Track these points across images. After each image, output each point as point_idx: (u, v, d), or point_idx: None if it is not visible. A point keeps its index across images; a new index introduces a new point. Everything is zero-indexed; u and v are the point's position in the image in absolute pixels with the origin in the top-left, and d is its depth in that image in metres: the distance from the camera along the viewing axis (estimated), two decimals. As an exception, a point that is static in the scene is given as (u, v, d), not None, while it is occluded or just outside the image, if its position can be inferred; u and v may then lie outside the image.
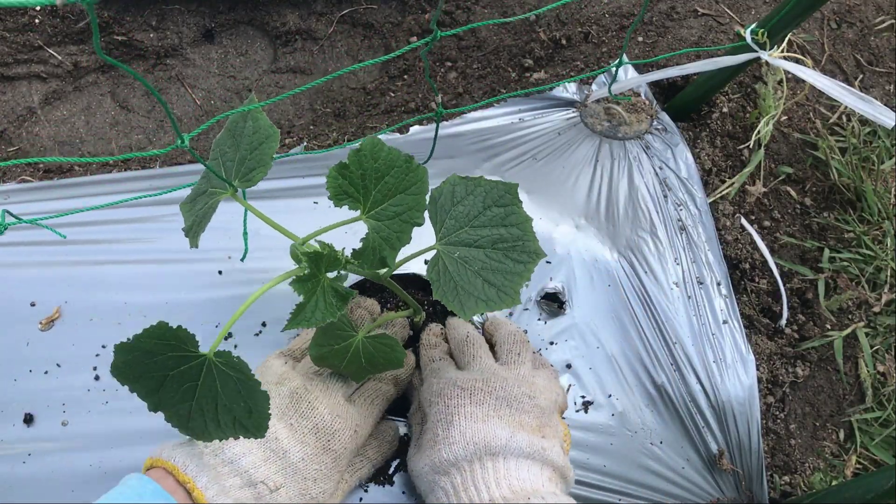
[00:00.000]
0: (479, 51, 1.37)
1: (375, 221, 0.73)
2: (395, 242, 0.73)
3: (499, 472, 0.77)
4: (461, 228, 0.74)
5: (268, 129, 0.72)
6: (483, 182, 0.75)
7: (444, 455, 0.80)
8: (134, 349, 0.62)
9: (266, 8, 1.40)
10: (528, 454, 0.80)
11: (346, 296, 0.70)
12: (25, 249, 1.05)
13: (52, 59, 1.33)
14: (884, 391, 1.18)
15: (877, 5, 1.48)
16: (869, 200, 1.28)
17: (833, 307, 1.21)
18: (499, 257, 0.73)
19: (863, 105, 1.03)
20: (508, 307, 0.72)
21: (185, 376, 0.65)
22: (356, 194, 0.71)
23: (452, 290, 0.72)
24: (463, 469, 0.79)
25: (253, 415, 0.66)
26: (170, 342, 0.63)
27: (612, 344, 1.07)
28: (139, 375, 0.64)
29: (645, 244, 1.13)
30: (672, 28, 1.37)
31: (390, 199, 0.73)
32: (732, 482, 1.05)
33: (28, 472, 0.94)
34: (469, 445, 0.79)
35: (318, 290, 0.69)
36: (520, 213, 0.75)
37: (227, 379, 0.65)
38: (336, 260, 0.69)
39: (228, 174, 0.72)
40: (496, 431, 0.81)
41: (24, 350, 0.99)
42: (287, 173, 1.14)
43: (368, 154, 0.71)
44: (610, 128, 1.22)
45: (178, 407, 0.67)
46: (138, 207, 1.09)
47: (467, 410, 0.83)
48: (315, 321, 0.67)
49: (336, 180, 0.70)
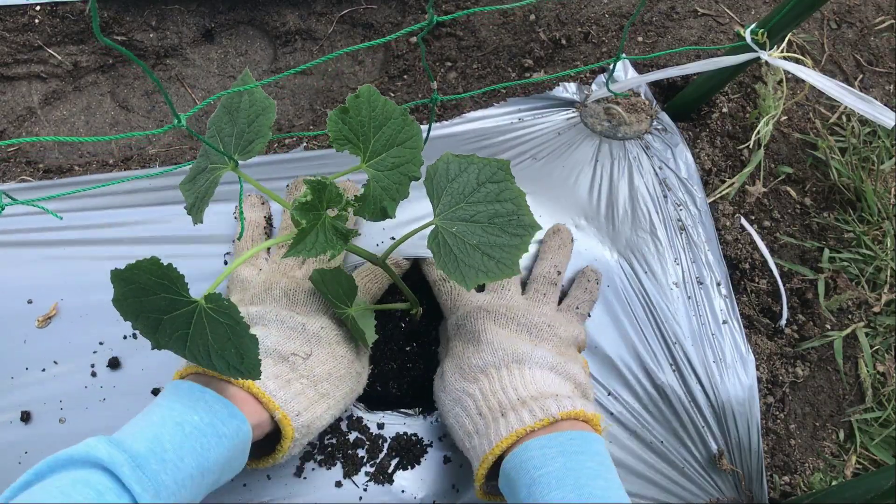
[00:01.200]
0: (478, 51, 1.37)
1: (376, 171, 0.74)
2: (394, 193, 0.75)
3: (525, 376, 0.82)
4: (458, 204, 0.76)
5: (264, 102, 0.73)
6: (476, 160, 0.77)
7: (474, 361, 0.85)
8: (130, 280, 0.63)
9: (266, 8, 1.40)
10: (552, 366, 0.85)
11: (346, 234, 0.71)
12: (23, 248, 1.05)
13: (52, 59, 1.33)
14: (884, 391, 1.18)
15: (877, 5, 1.48)
16: (869, 200, 1.28)
17: (833, 307, 1.21)
18: (495, 231, 0.75)
19: (863, 105, 1.03)
20: (508, 276, 0.75)
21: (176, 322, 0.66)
22: (356, 140, 0.72)
23: (453, 262, 0.74)
24: (490, 374, 0.83)
25: (245, 360, 0.68)
26: (162, 280, 0.63)
27: (612, 344, 1.06)
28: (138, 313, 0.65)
29: (645, 244, 1.13)
30: (672, 28, 1.37)
31: (388, 150, 0.74)
32: (732, 482, 1.05)
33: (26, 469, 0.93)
34: (498, 352, 0.85)
35: (318, 224, 0.70)
36: (513, 188, 0.77)
37: (216, 325, 0.65)
38: (338, 195, 0.70)
39: (227, 148, 0.73)
40: (521, 345, 0.86)
41: (22, 348, 0.99)
42: (286, 173, 1.13)
43: (366, 100, 0.72)
44: (610, 128, 1.22)
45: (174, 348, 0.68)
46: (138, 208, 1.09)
47: (493, 329, 0.88)
48: (315, 251, 0.69)
49: (337, 124, 0.71)
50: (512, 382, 0.81)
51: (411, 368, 1.00)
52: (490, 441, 0.77)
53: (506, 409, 0.79)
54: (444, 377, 0.89)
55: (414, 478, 0.96)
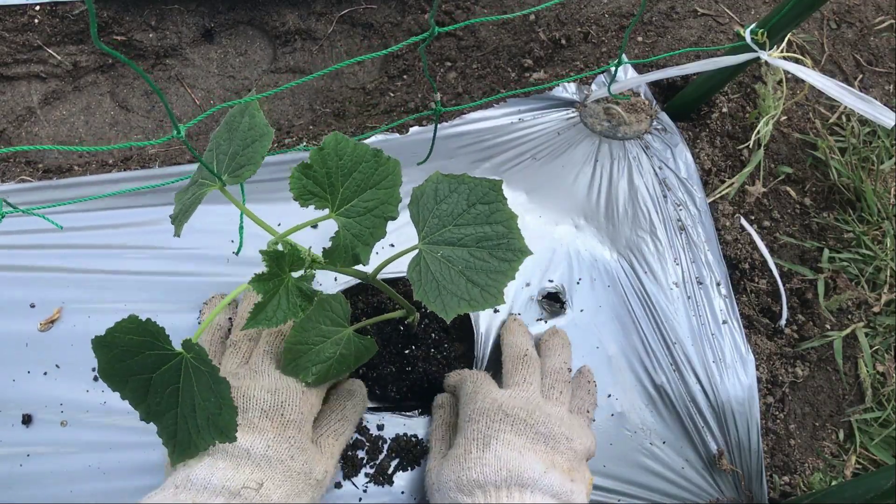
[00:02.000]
0: (478, 51, 1.37)
1: (345, 219, 0.71)
2: (367, 238, 0.71)
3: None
4: (445, 227, 0.73)
5: (262, 128, 0.71)
6: (467, 179, 0.74)
7: (474, 474, 0.79)
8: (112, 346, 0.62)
9: (265, 8, 1.39)
10: (557, 494, 0.79)
11: (311, 296, 0.69)
12: (25, 251, 1.05)
13: (52, 59, 1.33)
14: (883, 391, 1.18)
15: (876, 5, 1.48)
16: (868, 200, 1.28)
17: (833, 307, 1.21)
18: (483, 256, 0.72)
19: (862, 105, 1.03)
20: (492, 307, 0.71)
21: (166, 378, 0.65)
22: (322, 193, 0.70)
23: (434, 290, 0.71)
24: (489, 493, 0.78)
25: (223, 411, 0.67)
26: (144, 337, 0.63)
27: (612, 344, 1.07)
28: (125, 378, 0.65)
29: (644, 244, 1.13)
30: (672, 28, 1.37)
31: (360, 194, 0.71)
32: (732, 482, 1.05)
33: (27, 472, 0.94)
34: (502, 471, 0.79)
35: (280, 290, 0.68)
36: (505, 210, 0.73)
37: (200, 375, 0.65)
38: (300, 259, 0.69)
39: (220, 167, 0.72)
40: (531, 465, 0.80)
41: (24, 351, 0.99)
42: (286, 174, 1.13)
43: (332, 151, 0.70)
44: (609, 128, 1.22)
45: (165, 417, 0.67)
46: (137, 209, 1.09)
47: (507, 437, 0.83)
48: (276, 321, 0.67)
49: (299, 181, 0.68)
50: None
51: (410, 371, 1.00)
52: None
53: None
54: (440, 477, 0.84)
55: (414, 479, 0.96)
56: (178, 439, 0.69)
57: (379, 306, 1.03)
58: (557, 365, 0.96)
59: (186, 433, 0.68)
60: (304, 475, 0.79)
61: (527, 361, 0.94)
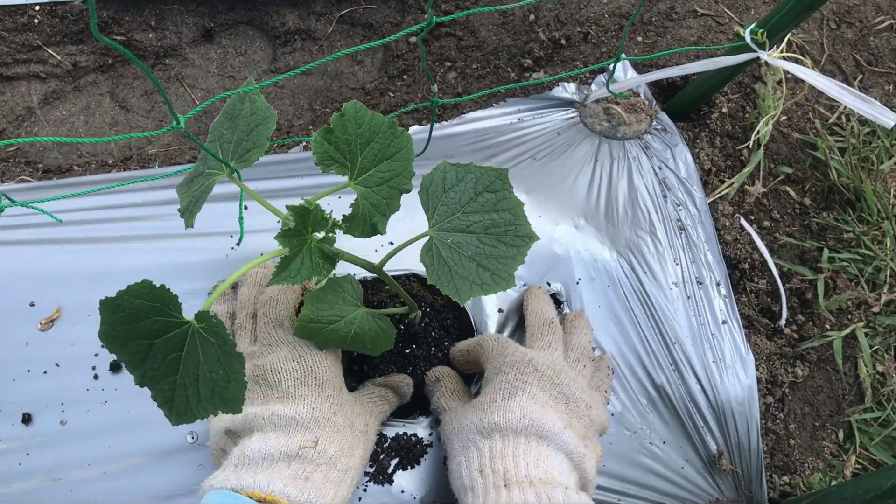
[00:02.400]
0: (478, 51, 1.37)
1: (364, 188, 0.72)
2: (384, 209, 0.72)
3: (541, 454, 0.78)
4: (453, 214, 0.74)
5: (265, 111, 0.72)
6: (473, 168, 0.75)
7: (497, 418, 0.81)
8: (120, 308, 0.61)
9: (265, 8, 1.39)
10: (570, 453, 0.81)
11: (333, 257, 0.70)
12: (25, 249, 1.05)
13: (52, 59, 1.33)
14: (883, 391, 1.18)
15: (876, 5, 1.48)
16: (868, 200, 1.28)
17: (832, 307, 1.21)
18: (492, 242, 0.73)
19: (862, 105, 1.03)
20: (504, 290, 0.73)
21: (169, 345, 0.64)
22: (343, 160, 0.71)
23: (447, 274, 0.72)
24: (507, 437, 0.80)
25: (230, 384, 0.66)
26: (154, 304, 0.62)
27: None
28: (126, 341, 0.63)
29: (644, 244, 1.13)
30: (671, 28, 1.37)
31: (377, 165, 0.72)
32: (732, 482, 1.05)
33: (26, 471, 0.94)
34: (525, 419, 0.81)
35: (304, 249, 0.68)
36: (511, 197, 0.75)
37: (208, 346, 0.64)
38: (323, 219, 0.69)
39: (225, 155, 0.72)
40: (553, 420, 0.82)
41: (24, 350, 0.99)
42: (286, 173, 1.13)
43: (352, 118, 0.71)
44: (609, 128, 1.22)
45: (162, 382, 0.66)
46: (138, 207, 1.09)
47: (532, 391, 0.85)
48: (301, 278, 0.67)
49: (322, 145, 0.69)
50: (525, 455, 0.78)
51: (411, 372, 1.00)
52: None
53: (510, 481, 0.76)
54: (461, 421, 0.86)
55: (413, 478, 0.96)
56: (175, 404, 0.68)
57: (380, 305, 1.03)
58: (583, 341, 0.98)
59: (184, 400, 0.67)
60: (349, 428, 0.82)
61: (552, 328, 0.96)
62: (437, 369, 1.00)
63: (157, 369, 0.66)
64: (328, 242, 0.71)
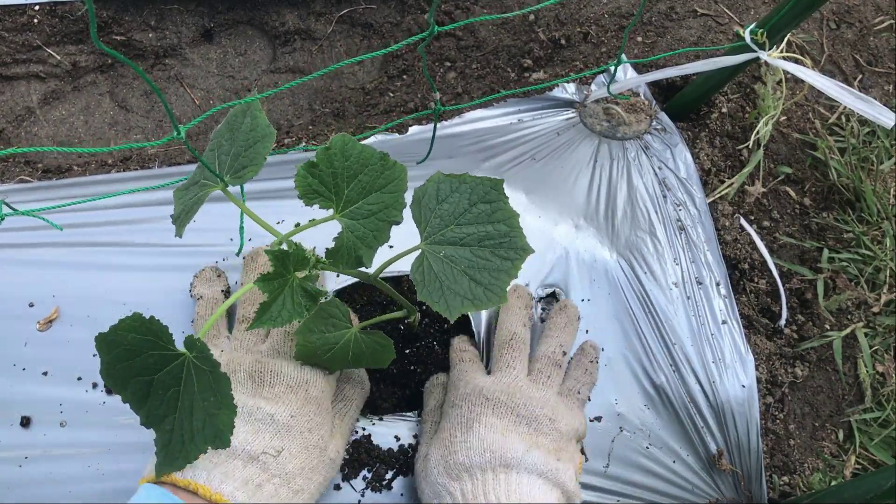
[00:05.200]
0: (478, 51, 1.37)
1: (350, 220, 0.71)
2: (371, 241, 0.71)
3: (510, 485, 0.78)
4: (447, 227, 0.73)
5: (264, 129, 0.71)
6: (468, 179, 0.74)
7: (460, 458, 0.81)
8: (115, 344, 0.62)
9: (265, 8, 1.39)
10: (542, 472, 0.80)
11: (316, 295, 0.69)
12: (23, 250, 1.05)
13: (51, 59, 1.33)
14: (883, 391, 1.18)
15: (876, 5, 1.48)
16: (868, 201, 1.28)
17: (832, 307, 1.21)
18: (485, 255, 0.72)
19: (862, 105, 1.03)
20: (495, 306, 0.71)
21: (168, 380, 0.65)
22: (327, 193, 0.70)
23: (437, 290, 0.71)
24: (475, 476, 0.79)
25: (221, 409, 0.66)
26: (147, 337, 0.62)
27: (611, 344, 1.07)
28: (127, 379, 0.64)
29: (644, 244, 1.13)
30: (671, 28, 1.37)
31: (365, 197, 0.71)
32: (731, 482, 1.05)
33: (26, 473, 0.93)
34: (486, 453, 0.80)
35: (285, 290, 0.68)
36: (506, 209, 0.73)
37: (202, 374, 0.65)
38: (304, 259, 0.68)
39: (222, 168, 0.72)
40: (513, 445, 0.81)
41: (23, 350, 0.99)
42: (286, 174, 1.13)
43: (339, 152, 0.70)
44: (609, 128, 1.22)
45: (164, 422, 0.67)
46: (138, 208, 1.09)
47: (488, 420, 0.84)
48: (281, 321, 0.67)
49: (305, 179, 0.68)
50: (496, 490, 0.77)
51: (412, 372, 1.00)
52: None
53: None
54: (427, 464, 0.86)
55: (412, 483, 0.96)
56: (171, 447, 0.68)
57: (380, 303, 1.03)
58: (551, 350, 0.97)
59: (180, 440, 0.68)
60: (319, 450, 0.82)
61: (512, 345, 0.95)
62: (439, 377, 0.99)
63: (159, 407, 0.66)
64: (311, 280, 0.69)
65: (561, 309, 1.03)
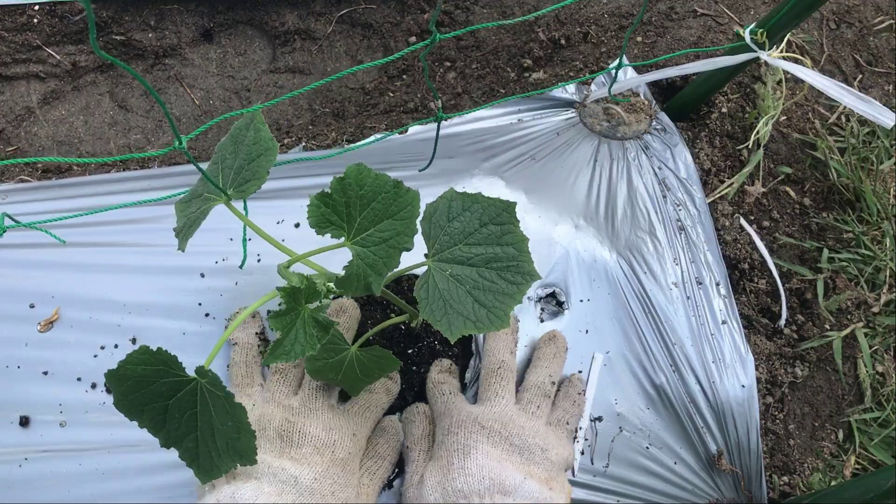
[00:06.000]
0: (477, 51, 1.37)
1: (360, 248, 0.70)
2: (381, 268, 0.70)
3: None
4: (455, 245, 0.73)
5: (267, 142, 0.71)
6: (481, 199, 0.74)
7: (459, 484, 0.81)
8: (126, 377, 0.63)
9: (265, 8, 1.39)
10: (537, 501, 0.81)
11: (328, 326, 0.69)
12: (24, 251, 1.05)
13: (51, 59, 1.33)
14: (883, 391, 1.18)
15: (876, 5, 1.48)
16: (868, 201, 1.28)
17: (832, 307, 1.21)
18: (492, 277, 0.72)
19: (862, 105, 1.03)
20: (497, 329, 0.71)
21: (183, 404, 0.65)
22: (339, 222, 0.69)
23: (441, 308, 0.70)
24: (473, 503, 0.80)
25: (241, 435, 0.67)
26: (157, 366, 0.63)
27: (611, 344, 1.07)
28: (142, 407, 0.65)
29: (644, 244, 1.13)
30: (671, 28, 1.37)
31: (377, 224, 0.70)
32: (731, 482, 1.05)
33: (25, 473, 0.93)
34: (485, 480, 0.81)
35: (297, 322, 0.67)
36: (516, 232, 0.73)
37: (216, 400, 0.65)
38: (315, 292, 0.68)
39: (225, 181, 0.72)
40: (511, 473, 0.82)
41: (23, 351, 0.99)
42: (285, 173, 1.13)
43: (353, 182, 0.69)
44: (609, 128, 1.22)
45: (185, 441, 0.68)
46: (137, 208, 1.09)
47: (484, 448, 0.85)
48: (294, 355, 0.67)
49: (318, 209, 0.68)
50: None
51: (414, 372, 1.00)
52: None
53: None
54: (422, 489, 0.86)
55: None
56: (201, 461, 0.69)
57: (380, 303, 1.03)
58: (540, 379, 0.97)
59: (208, 456, 0.69)
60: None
61: (500, 374, 0.95)
62: (418, 405, 0.99)
63: (178, 429, 0.67)
64: (322, 310, 0.69)
65: (550, 339, 1.03)
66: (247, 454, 0.68)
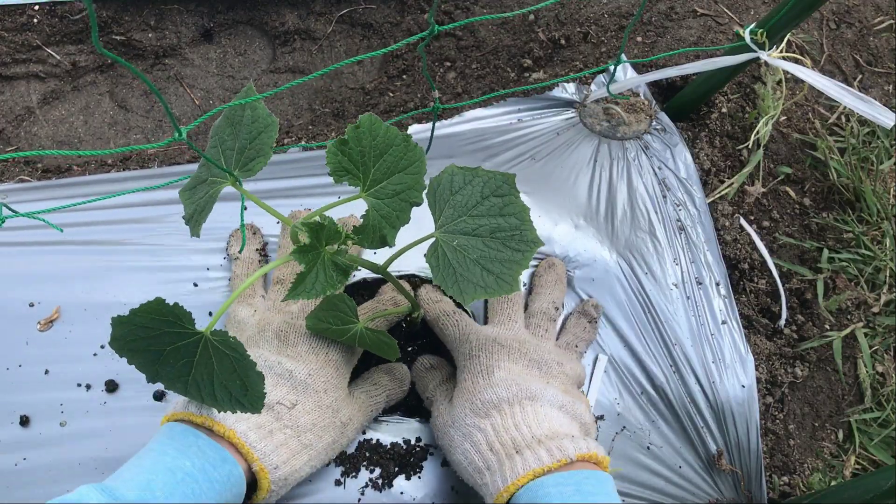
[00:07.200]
0: (477, 51, 1.37)
1: (375, 199, 0.73)
2: (394, 221, 0.73)
3: (539, 414, 0.82)
4: (460, 217, 0.75)
5: (266, 119, 0.73)
6: (481, 172, 0.76)
7: (488, 396, 0.84)
8: (130, 323, 0.63)
9: (265, 8, 1.39)
10: (562, 405, 0.85)
11: (347, 269, 0.71)
12: (24, 250, 1.05)
13: (51, 59, 1.33)
14: (882, 391, 1.18)
15: (876, 5, 1.48)
16: (868, 201, 1.28)
17: (832, 307, 1.21)
18: (497, 246, 0.74)
19: (862, 105, 1.03)
20: (508, 293, 0.73)
21: (181, 352, 0.66)
22: (356, 171, 0.71)
23: (451, 276, 0.73)
24: (503, 411, 0.83)
25: (249, 392, 0.68)
26: (167, 318, 0.63)
27: (611, 344, 1.07)
28: (137, 349, 0.65)
29: (644, 244, 1.13)
30: (671, 28, 1.37)
31: (389, 177, 0.73)
32: (731, 483, 1.05)
33: (25, 472, 0.93)
34: (512, 387, 0.84)
35: (318, 263, 0.69)
36: (517, 202, 0.76)
37: (222, 357, 0.66)
38: (336, 233, 0.70)
39: (228, 163, 0.72)
40: (534, 382, 0.86)
41: (23, 350, 0.99)
42: (285, 173, 1.13)
43: (367, 130, 0.71)
44: (609, 128, 1.22)
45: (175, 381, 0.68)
46: (137, 208, 1.09)
47: (507, 364, 0.88)
48: (315, 292, 0.68)
49: (336, 156, 0.70)
50: (525, 420, 0.81)
51: (412, 370, 1.00)
52: (505, 478, 0.77)
53: (520, 446, 0.79)
54: (453, 412, 0.88)
55: (413, 480, 0.96)
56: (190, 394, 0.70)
57: None
58: (544, 306, 1.01)
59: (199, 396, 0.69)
60: (332, 411, 0.85)
61: (510, 300, 1.00)
62: (429, 357, 1.01)
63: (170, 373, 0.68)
64: (341, 254, 0.71)
65: (550, 267, 1.07)
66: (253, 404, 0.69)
